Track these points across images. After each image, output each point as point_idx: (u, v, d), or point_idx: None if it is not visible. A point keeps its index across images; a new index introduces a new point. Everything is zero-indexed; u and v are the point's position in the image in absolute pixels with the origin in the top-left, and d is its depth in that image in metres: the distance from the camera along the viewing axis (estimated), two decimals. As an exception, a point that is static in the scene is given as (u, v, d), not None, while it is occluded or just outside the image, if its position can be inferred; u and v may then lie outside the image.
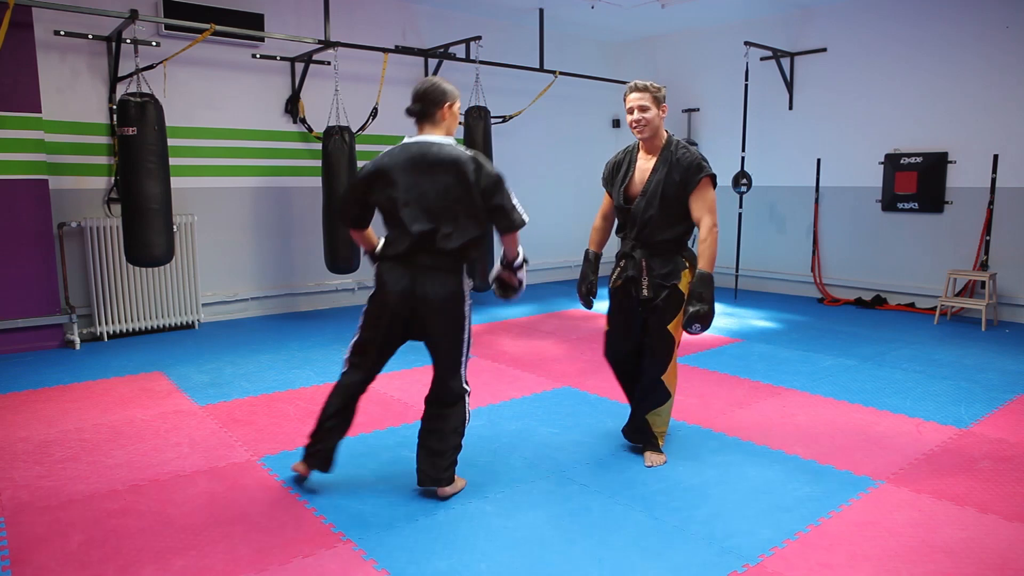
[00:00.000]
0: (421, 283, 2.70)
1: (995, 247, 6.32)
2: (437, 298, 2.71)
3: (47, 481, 3.00)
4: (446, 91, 2.78)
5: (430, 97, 2.75)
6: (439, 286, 2.70)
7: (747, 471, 3.10)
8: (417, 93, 2.78)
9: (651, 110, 3.01)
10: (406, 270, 2.71)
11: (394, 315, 2.75)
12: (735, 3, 7.22)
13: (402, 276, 2.72)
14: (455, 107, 2.82)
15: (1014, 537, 2.54)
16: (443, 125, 2.79)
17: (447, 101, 2.77)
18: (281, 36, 5.92)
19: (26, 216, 5.08)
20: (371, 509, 2.75)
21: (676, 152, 3.04)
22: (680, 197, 3.01)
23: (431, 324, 2.75)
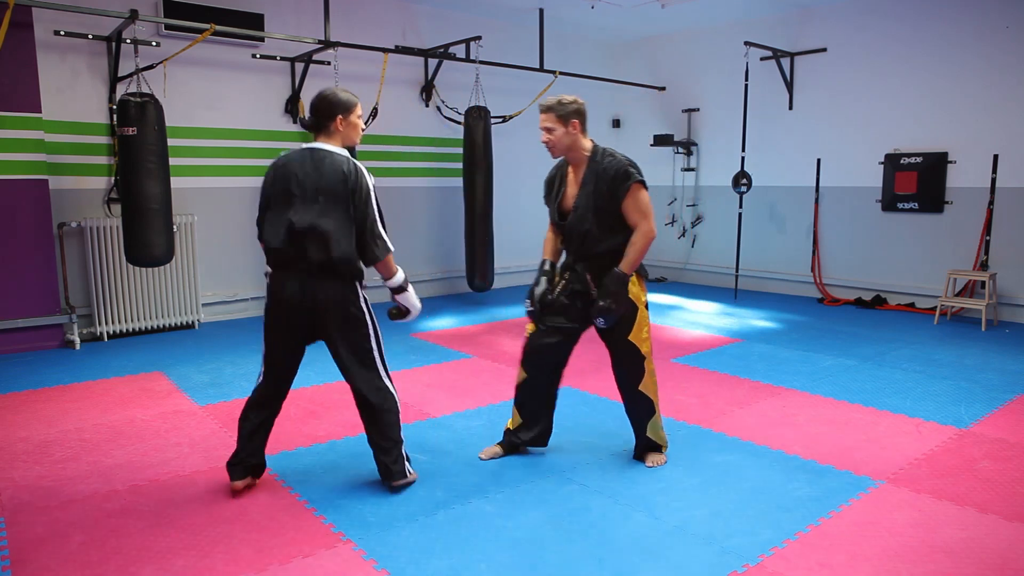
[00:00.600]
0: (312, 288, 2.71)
1: (995, 247, 6.32)
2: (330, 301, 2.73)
3: (47, 481, 3.00)
4: (336, 103, 2.76)
5: (320, 109, 2.77)
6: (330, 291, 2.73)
7: (747, 471, 3.10)
8: (311, 105, 2.80)
9: (556, 130, 2.98)
10: (297, 276, 2.72)
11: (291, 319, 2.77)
12: (735, 3, 7.22)
13: (293, 281, 2.72)
14: (351, 117, 2.80)
15: (1014, 537, 2.54)
16: (338, 136, 2.80)
17: (339, 113, 2.76)
18: (281, 36, 5.92)
19: (26, 216, 5.08)
20: (371, 509, 2.75)
21: (602, 162, 3.00)
22: (612, 208, 2.97)
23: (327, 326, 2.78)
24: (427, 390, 4.26)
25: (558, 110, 2.98)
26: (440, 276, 7.74)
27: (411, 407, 3.95)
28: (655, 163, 8.83)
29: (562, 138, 3.00)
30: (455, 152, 7.46)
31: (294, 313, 2.75)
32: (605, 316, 2.94)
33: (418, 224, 7.50)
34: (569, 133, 3.00)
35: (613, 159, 3.00)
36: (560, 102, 3.00)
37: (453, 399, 4.09)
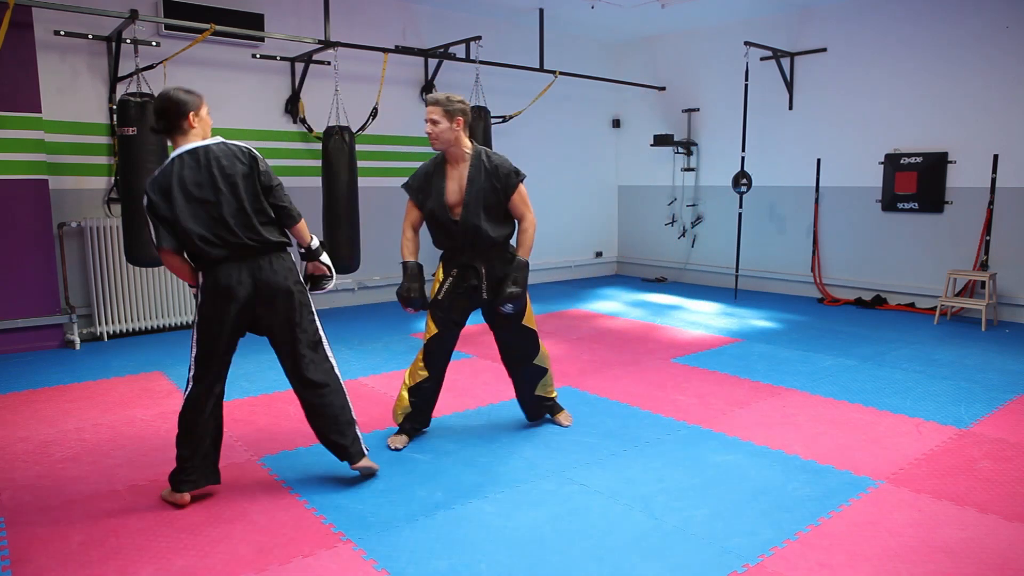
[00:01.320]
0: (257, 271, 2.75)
1: (995, 247, 6.32)
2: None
3: (47, 481, 3.00)
4: (185, 102, 2.70)
5: (169, 112, 2.68)
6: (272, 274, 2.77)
7: (747, 471, 3.10)
8: (155, 111, 2.72)
9: (441, 123, 3.10)
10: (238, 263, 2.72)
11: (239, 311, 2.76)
12: (735, 3, 7.22)
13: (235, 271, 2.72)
14: (202, 112, 2.76)
15: (1014, 537, 2.54)
16: (194, 133, 2.74)
17: (190, 110, 2.70)
18: (281, 36, 5.92)
19: (26, 216, 5.08)
20: (371, 509, 2.75)
21: (490, 161, 3.19)
22: (500, 203, 3.20)
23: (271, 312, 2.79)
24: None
25: (446, 105, 3.10)
26: (440, 276, 7.73)
27: (411, 407, 3.95)
28: (655, 163, 8.83)
29: (445, 132, 3.12)
30: (455, 152, 7.45)
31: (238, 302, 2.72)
32: (515, 302, 3.14)
33: (418, 224, 7.49)
34: (453, 129, 3.12)
35: (500, 158, 3.22)
36: (448, 98, 3.12)
37: (453, 399, 4.09)
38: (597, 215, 9.33)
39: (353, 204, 6.08)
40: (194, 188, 2.66)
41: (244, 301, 2.73)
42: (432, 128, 3.11)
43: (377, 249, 7.09)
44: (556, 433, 3.57)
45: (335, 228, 5.98)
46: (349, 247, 6.06)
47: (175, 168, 2.68)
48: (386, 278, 7.30)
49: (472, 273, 3.25)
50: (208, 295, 2.73)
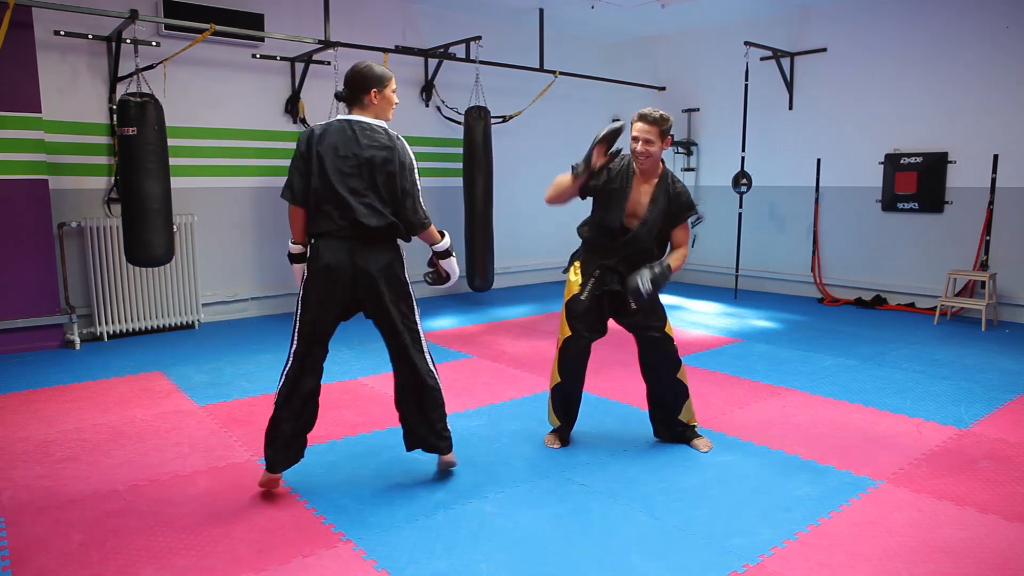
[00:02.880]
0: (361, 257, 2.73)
1: (995, 247, 6.32)
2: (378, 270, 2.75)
3: (47, 481, 3.00)
4: (370, 76, 2.78)
5: (354, 82, 2.78)
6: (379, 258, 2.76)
7: (747, 471, 3.10)
8: (345, 78, 2.82)
9: (656, 144, 3.06)
10: (343, 244, 2.72)
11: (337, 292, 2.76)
12: (735, 3, 7.22)
13: (339, 250, 2.72)
14: (386, 91, 2.81)
15: (1014, 537, 2.54)
16: (372, 109, 2.81)
17: (372, 87, 2.77)
18: (281, 36, 5.92)
19: (26, 216, 5.08)
20: (371, 509, 2.75)
21: (675, 186, 3.19)
22: (668, 227, 3.21)
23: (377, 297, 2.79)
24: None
25: (662, 125, 3.06)
26: (440, 276, 7.72)
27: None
28: (655, 163, 8.82)
29: (657, 154, 3.11)
30: (455, 152, 7.46)
31: (340, 282, 2.73)
32: (644, 296, 3.00)
33: (418, 224, 7.49)
34: (663, 148, 3.12)
35: (683, 187, 3.23)
36: (663, 117, 3.07)
37: (453, 399, 4.09)
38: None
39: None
40: (339, 157, 2.71)
41: (344, 281, 2.73)
42: (648, 149, 3.06)
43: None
44: (556, 433, 3.58)
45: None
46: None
47: (332, 128, 2.75)
48: (386, 278, 7.29)
49: (615, 277, 3.20)
50: (312, 269, 2.75)
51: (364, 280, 2.75)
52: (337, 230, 2.71)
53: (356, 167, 2.71)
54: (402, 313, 2.84)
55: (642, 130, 3.05)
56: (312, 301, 2.76)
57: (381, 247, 2.77)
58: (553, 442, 3.41)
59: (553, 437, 3.44)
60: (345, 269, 2.72)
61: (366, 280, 2.75)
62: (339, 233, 2.71)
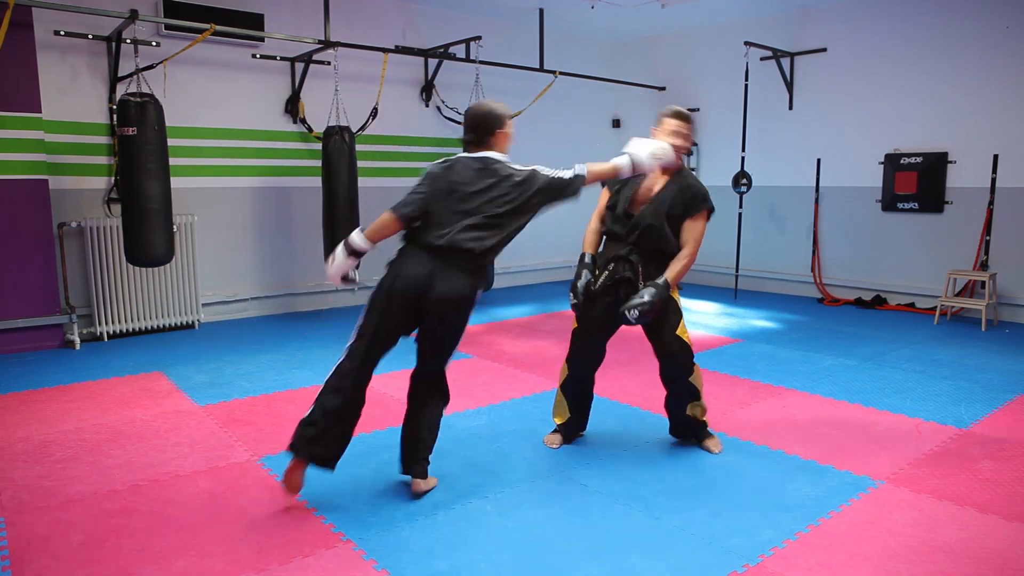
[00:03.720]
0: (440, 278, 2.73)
1: (995, 247, 6.32)
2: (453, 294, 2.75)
3: (47, 481, 3.00)
4: (492, 119, 2.90)
5: (479, 126, 2.89)
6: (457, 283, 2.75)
7: (747, 471, 3.10)
8: (468, 123, 2.90)
9: (689, 138, 3.24)
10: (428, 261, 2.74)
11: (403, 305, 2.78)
12: (735, 3, 7.22)
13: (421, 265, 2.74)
14: (507, 128, 2.94)
15: (1014, 537, 2.54)
16: (496, 148, 2.93)
17: (496, 128, 2.91)
18: (281, 36, 5.92)
19: (26, 216, 5.08)
20: (371, 509, 2.75)
21: (687, 179, 3.23)
22: (679, 218, 3.18)
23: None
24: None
25: (691, 121, 3.25)
26: (440, 276, 7.72)
27: (411, 407, 3.95)
28: (655, 163, 8.82)
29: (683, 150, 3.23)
30: (455, 152, 7.45)
31: (411, 294, 2.74)
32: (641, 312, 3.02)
33: (418, 224, 7.49)
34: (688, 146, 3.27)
35: (696, 181, 3.27)
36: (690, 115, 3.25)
37: (453, 399, 4.07)
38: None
39: (353, 204, 6.08)
40: (460, 182, 2.79)
41: (416, 294, 2.74)
42: (684, 144, 3.20)
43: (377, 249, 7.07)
44: (556, 433, 3.57)
45: (335, 228, 5.98)
46: (349, 247, 6.06)
47: (458, 162, 2.85)
48: (386, 278, 7.30)
49: (627, 266, 3.20)
50: (392, 273, 2.79)
51: (434, 299, 2.74)
52: (429, 247, 2.72)
53: (476, 200, 2.76)
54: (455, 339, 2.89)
55: (678, 127, 3.19)
56: (378, 307, 2.80)
57: (462, 273, 2.75)
58: (553, 441, 3.42)
59: (553, 436, 3.44)
60: (422, 283, 2.72)
61: (436, 299, 2.74)
62: (429, 249, 2.72)
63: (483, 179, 2.79)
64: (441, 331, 2.85)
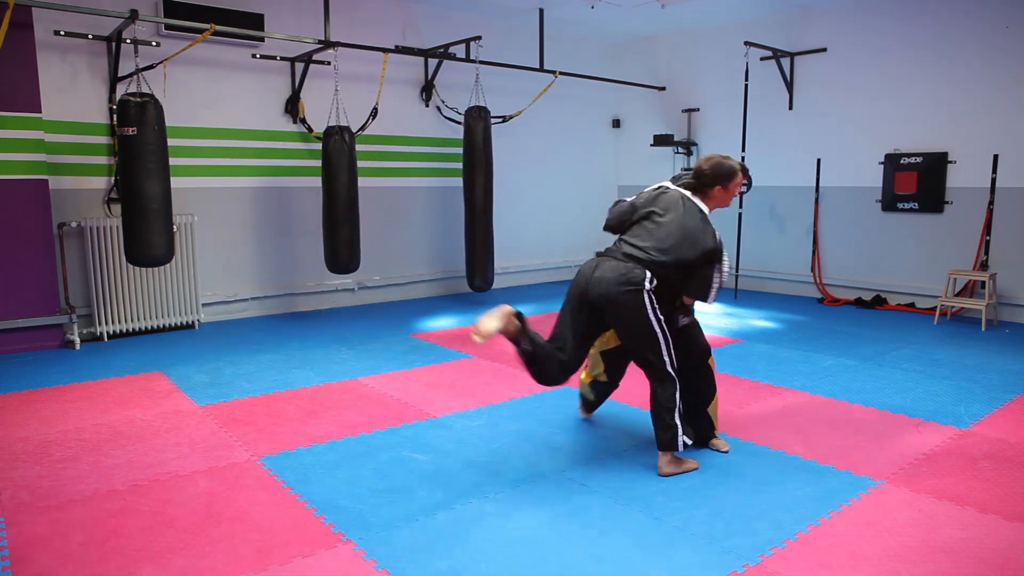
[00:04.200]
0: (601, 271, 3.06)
1: (995, 247, 6.32)
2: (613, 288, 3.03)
3: (47, 481, 3.00)
4: (721, 174, 3.11)
5: (708, 176, 3.12)
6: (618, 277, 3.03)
7: (747, 471, 3.10)
8: (700, 167, 3.16)
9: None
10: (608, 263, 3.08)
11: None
12: (735, 3, 7.22)
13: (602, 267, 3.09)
14: (731, 186, 3.14)
15: (1014, 537, 2.54)
16: (712, 201, 3.15)
17: (720, 184, 3.12)
18: (281, 36, 5.92)
19: (26, 216, 5.08)
20: (371, 509, 2.75)
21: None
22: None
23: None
24: (427, 390, 4.26)
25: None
26: (440, 276, 7.74)
27: (411, 407, 3.95)
28: (655, 163, 8.83)
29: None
30: (455, 152, 7.47)
31: (580, 287, 3.09)
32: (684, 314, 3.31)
33: (418, 224, 7.50)
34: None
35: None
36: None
37: (453, 399, 4.09)
38: (597, 215, 9.27)
39: (353, 204, 6.08)
40: (657, 205, 3.12)
41: (584, 288, 3.06)
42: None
43: (377, 249, 7.10)
44: (556, 433, 3.57)
45: (335, 228, 5.98)
46: (349, 247, 6.07)
47: (664, 190, 3.18)
48: (386, 278, 7.30)
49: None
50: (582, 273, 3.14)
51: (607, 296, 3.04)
52: (613, 253, 3.10)
53: (667, 228, 3.05)
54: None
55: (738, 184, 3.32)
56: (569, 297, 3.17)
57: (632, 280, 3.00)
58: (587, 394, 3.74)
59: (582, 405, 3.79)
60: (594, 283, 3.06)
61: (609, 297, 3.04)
62: (612, 255, 3.08)
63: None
64: None
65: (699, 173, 3.14)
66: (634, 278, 2.97)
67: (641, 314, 2.98)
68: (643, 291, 2.97)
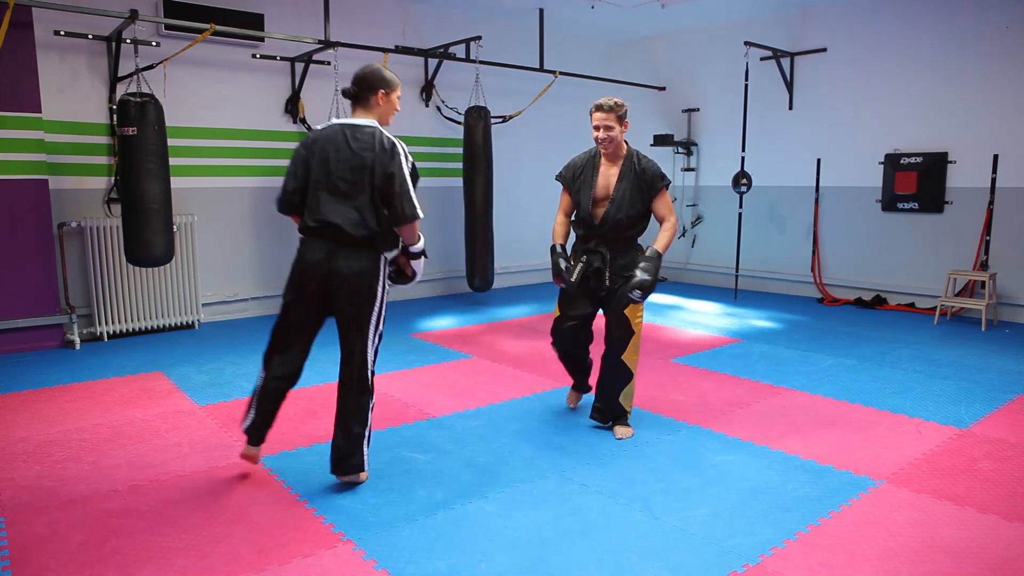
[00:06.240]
0: (336, 258, 2.78)
1: (995, 247, 6.32)
2: (350, 273, 2.78)
3: (47, 481, 3.00)
4: (381, 79, 2.86)
5: (366, 82, 2.85)
6: (353, 261, 2.79)
7: (747, 471, 3.10)
8: (355, 76, 2.88)
9: (615, 128, 3.37)
10: (324, 243, 2.79)
11: (312, 289, 2.83)
12: (735, 3, 7.22)
13: (319, 249, 2.79)
14: (392, 96, 2.90)
15: (1014, 537, 2.54)
16: (375, 111, 2.88)
17: (381, 88, 2.86)
18: (281, 36, 5.92)
19: (26, 216, 5.08)
20: (371, 509, 2.75)
21: (640, 163, 3.45)
22: (643, 202, 3.43)
23: (342, 299, 2.82)
24: (427, 390, 4.26)
25: (618, 111, 3.37)
26: (440, 276, 7.74)
27: (411, 407, 3.95)
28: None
29: (617, 136, 3.39)
30: (455, 152, 7.47)
31: (317, 281, 2.80)
32: (643, 289, 3.28)
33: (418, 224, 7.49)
34: (622, 132, 3.42)
35: (649, 162, 3.46)
36: (617, 103, 3.38)
37: (453, 399, 4.09)
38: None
39: (353, 204, 6.07)
40: (330, 161, 2.78)
41: (319, 282, 2.80)
42: (608, 135, 3.36)
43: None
44: (556, 433, 3.58)
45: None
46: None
47: (326, 133, 2.83)
48: (386, 278, 7.29)
49: (598, 258, 3.46)
50: (297, 262, 2.85)
51: (336, 282, 2.79)
52: (320, 232, 2.78)
53: (348, 171, 2.77)
54: (360, 322, 2.84)
55: (601, 119, 3.36)
56: (290, 296, 2.87)
57: (358, 252, 2.80)
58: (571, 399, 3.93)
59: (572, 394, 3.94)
60: (322, 269, 2.78)
61: (338, 282, 2.79)
62: (321, 235, 2.79)
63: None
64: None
65: (357, 80, 2.87)
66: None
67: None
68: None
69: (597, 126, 3.37)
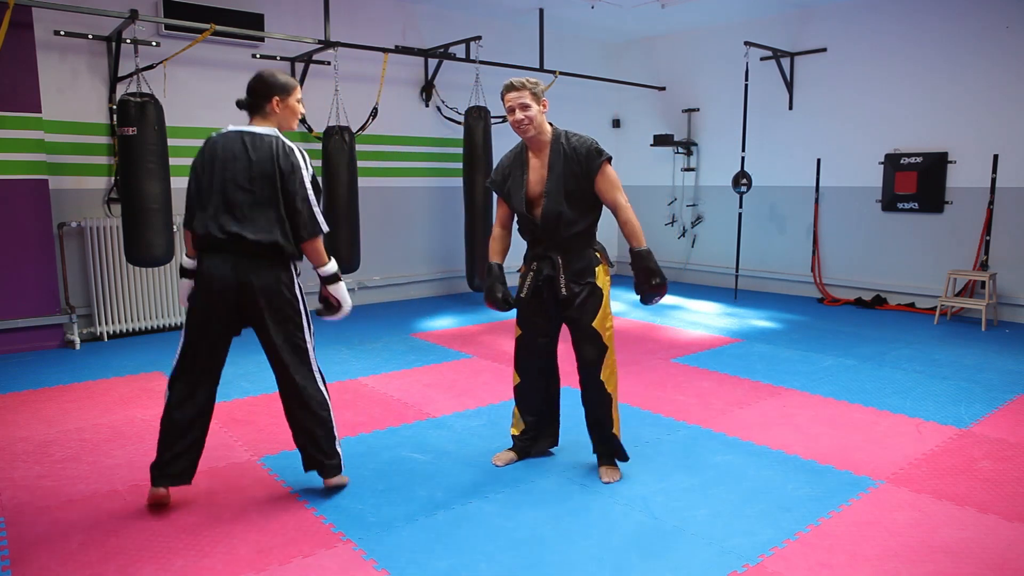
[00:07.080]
0: (243, 271, 2.64)
1: (995, 247, 6.32)
2: (261, 285, 2.65)
3: (47, 481, 3.00)
4: (274, 84, 2.71)
5: (258, 90, 2.72)
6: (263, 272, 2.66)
7: (747, 471, 3.10)
8: (248, 85, 2.74)
9: (532, 107, 2.87)
10: (229, 257, 2.64)
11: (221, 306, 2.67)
12: (735, 3, 7.22)
13: (224, 263, 2.64)
14: (289, 100, 2.75)
15: (1014, 537, 2.54)
16: (273, 118, 2.75)
17: (275, 95, 2.71)
18: (281, 36, 5.92)
19: (26, 216, 5.08)
20: (371, 509, 2.75)
21: (569, 142, 2.94)
22: (584, 188, 2.92)
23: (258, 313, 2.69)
24: (427, 390, 4.26)
25: (532, 87, 2.89)
26: (440, 276, 7.74)
27: (411, 407, 3.95)
28: (655, 163, 8.83)
29: (536, 116, 2.89)
30: (455, 152, 7.46)
31: (224, 297, 2.65)
32: (659, 293, 2.95)
33: (418, 224, 7.50)
34: (542, 112, 2.92)
35: (579, 138, 2.95)
36: (532, 81, 2.91)
37: (453, 399, 4.09)
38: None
39: (353, 204, 6.08)
40: (228, 170, 2.63)
41: (227, 297, 2.65)
42: (524, 114, 2.85)
43: (377, 249, 7.09)
44: (556, 433, 3.57)
45: (335, 228, 5.97)
46: (349, 247, 6.07)
47: (224, 141, 2.67)
48: (386, 278, 7.30)
49: (548, 264, 3.00)
50: (197, 283, 2.70)
51: (247, 296, 2.66)
52: (222, 245, 2.63)
53: (247, 180, 2.62)
54: (286, 331, 2.74)
55: (514, 98, 2.87)
56: (195, 317, 2.70)
57: (266, 263, 2.66)
58: (499, 459, 3.18)
59: (503, 454, 3.22)
60: (229, 283, 2.63)
61: (249, 296, 2.65)
62: (224, 248, 2.63)
63: None
64: None
65: (249, 89, 2.74)
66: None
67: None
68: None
69: (511, 108, 2.86)
